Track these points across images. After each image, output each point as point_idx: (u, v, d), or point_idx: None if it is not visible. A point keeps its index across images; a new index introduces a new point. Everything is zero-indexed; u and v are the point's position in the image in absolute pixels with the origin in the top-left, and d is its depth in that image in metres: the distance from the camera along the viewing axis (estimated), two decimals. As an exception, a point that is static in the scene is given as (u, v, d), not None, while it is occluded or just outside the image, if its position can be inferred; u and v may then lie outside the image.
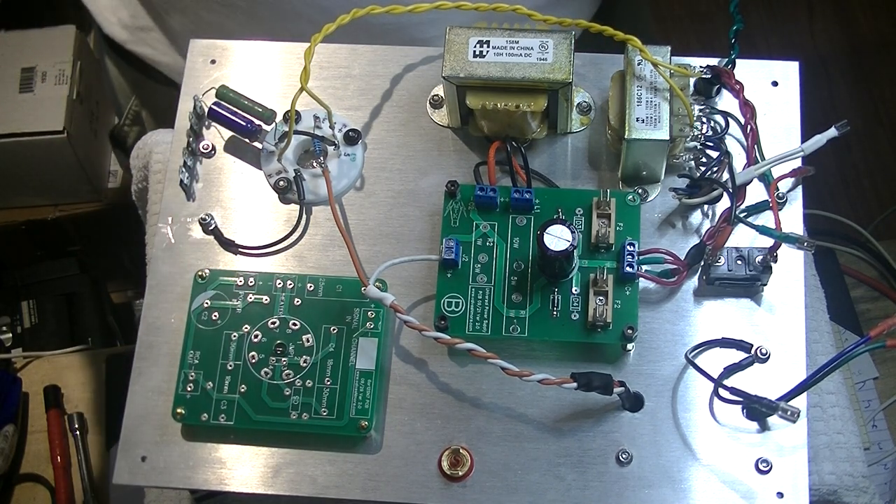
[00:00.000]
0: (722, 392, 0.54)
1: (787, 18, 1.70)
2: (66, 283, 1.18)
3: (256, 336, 0.57)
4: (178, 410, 0.56)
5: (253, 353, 0.57)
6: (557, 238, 0.53)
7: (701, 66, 0.60)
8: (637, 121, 0.56)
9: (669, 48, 0.57)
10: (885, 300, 1.12)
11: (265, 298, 0.58)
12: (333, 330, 0.57)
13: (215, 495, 0.65)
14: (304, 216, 0.61)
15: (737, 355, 0.56)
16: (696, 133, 0.58)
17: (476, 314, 0.55)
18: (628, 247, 0.55)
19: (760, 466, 0.54)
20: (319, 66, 0.64)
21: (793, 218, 0.58)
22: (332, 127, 0.61)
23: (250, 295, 0.58)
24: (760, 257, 0.56)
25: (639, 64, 0.57)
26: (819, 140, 0.58)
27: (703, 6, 1.71)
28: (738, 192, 0.56)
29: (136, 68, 0.90)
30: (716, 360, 0.56)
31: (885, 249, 1.15)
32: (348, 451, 0.56)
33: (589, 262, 0.55)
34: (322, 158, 0.61)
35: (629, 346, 0.56)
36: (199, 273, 0.59)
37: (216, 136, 0.63)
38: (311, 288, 0.58)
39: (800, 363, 0.55)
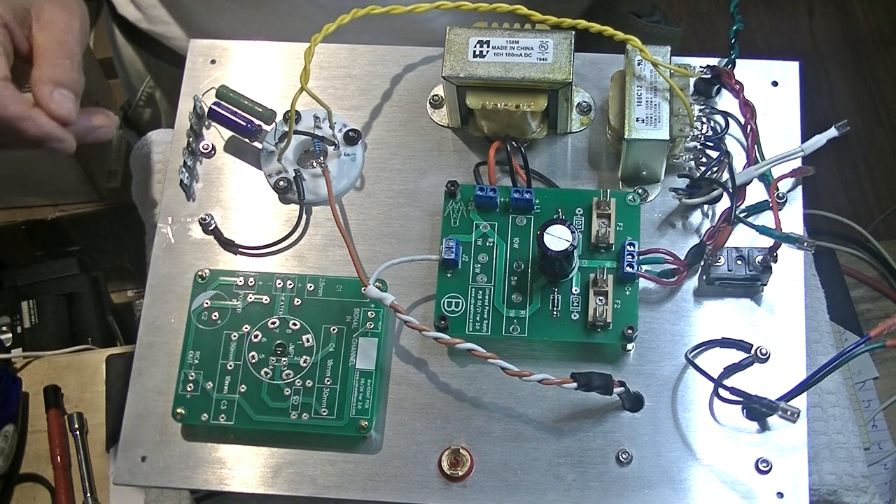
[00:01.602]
0: (722, 392, 0.54)
1: (787, 18, 1.70)
2: (66, 283, 1.18)
3: (256, 336, 0.57)
4: (178, 410, 0.56)
5: (253, 353, 0.57)
6: (557, 238, 0.53)
7: (701, 66, 0.60)
8: (637, 121, 0.56)
9: (669, 48, 0.57)
10: (885, 300, 1.12)
11: (265, 298, 0.58)
12: (333, 330, 0.57)
13: (215, 495, 0.65)
14: (304, 216, 0.61)
15: (737, 355, 0.56)
16: (696, 133, 0.58)
17: (476, 314, 0.55)
18: (628, 247, 0.55)
19: (760, 466, 0.54)
20: (319, 66, 0.64)
21: (793, 218, 0.59)
22: (332, 127, 0.61)
23: (250, 295, 0.58)
24: (760, 257, 0.56)
25: (639, 64, 0.57)
26: (819, 140, 0.58)
27: (703, 6, 1.71)
28: (738, 192, 0.56)
29: (148, 51, 0.90)
30: (716, 360, 0.56)
31: (885, 249, 1.15)
32: (348, 451, 0.56)
33: (589, 262, 0.55)
34: (322, 158, 0.61)
35: (629, 346, 0.56)
36: (199, 273, 0.59)
37: (216, 136, 0.63)
38: (311, 288, 0.58)
39: (800, 363, 0.55)
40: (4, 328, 1.10)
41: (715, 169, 0.58)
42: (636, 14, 0.84)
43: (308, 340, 0.57)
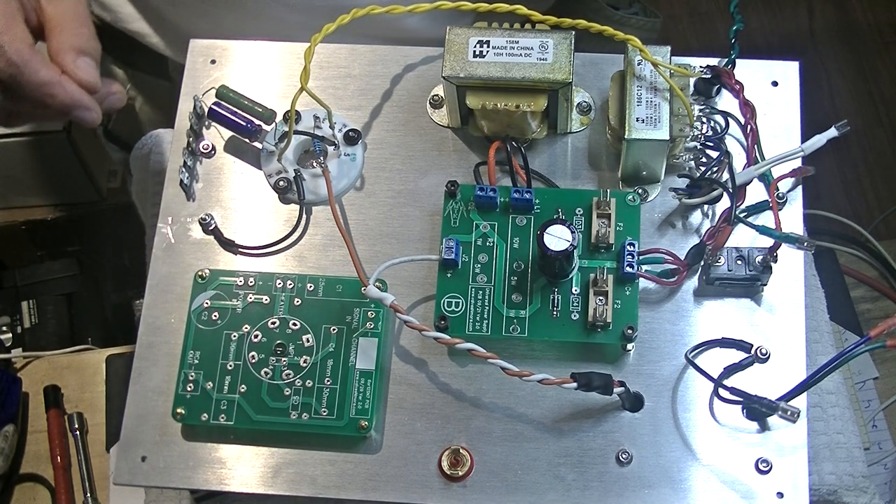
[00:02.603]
0: (722, 392, 0.54)
1: (787, 18, 1.70)
2: (66, 283, 1.18)
3: (256, 336, 0.57)
4: (178, 410, 0.56)
5: (253, 353, 0.57)
6: (557, 238, 0.53)
7: (701, 66, 0.60)
8: (637, 121, 0.56)
9: (669, 48, 0.57)
10: (885, 300, 1.12)
11: (265, 298, 0.58)
12: (333, 330, 0.57)
13: (215, 495, 0.65)
14: (304, 216, 0.61)
15: (737, 355, 0.56)
16: (696, 133, 0.58)
17: (476, 314, 0.55)
18: (628, 247, 0.55)
19: (760, 466, 0.54)
20: (319, 66, 0.64)
21: (793, 218, 0.58)
22: (332, 127, 0.61)
23: (250, 295, 0.58)
24: (760, 257, 0.56)
25: (639, 64, 0.57)
26: (819, 140, 0.58)
27: (703, 6, 1.71)
28: (738, 192, 0.56)
29: (125, 61, 0.90)
30: (716, 360, 0.56)
31: (885, 249, 1.15)
32: (348, 451, 0.56)
33: (589, 262, 0.55)
34: (322, 158, 0.61)
35: (629, 346, 0.56)
36: (199, 273, 0.59)
37: (216, 136, 0.63)
38: (311, 288, 0.58)
39: (800, 363, 0.55)
40: (4, 328, 1.10)
41: (715, 169, 0.58)
42: (613, 6, 0.84)
43: (308, 340, 0.57)
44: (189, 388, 0.56)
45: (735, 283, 0.56)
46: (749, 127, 0.59)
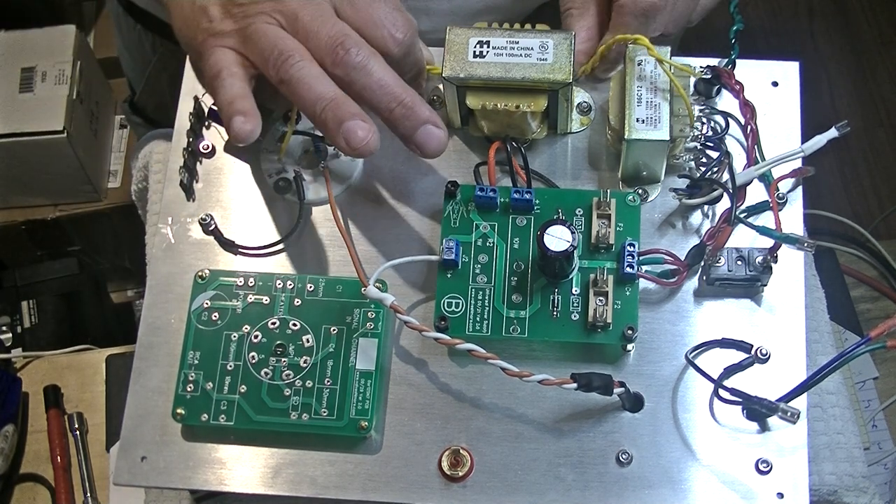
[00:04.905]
0: (722, 392, 0.54)
1: (787, 18, 1.70)
2: (66, 283, 1.18)
3: (256, 336, 0.57)
4: (178, 411, 0.56)
5: (253, 353, 0.57)
6: (557, 238, 0.53)
7: (701, 66, 0.60)
8: (637, 121, 0.56)
9: (669, 48, 0.57)
10: (885, 300, 1.12)
11: (265, 299, 0.58)
12: (333, 330, 0.57)
13: (215, 495, 0.65)
14: (304, 216, 0.61)
15: (737, 355, 0.56)
16: (696, 133, 0.58)
17: (476, 314, 0.55)
18: (628, 247, 0.55)
19: (760, 467, 0.54)
20: (319, 67, 0.64)
21: (793, 218, 0.58)
22: (332, 127, 0.61)
23: (250, 295, 0.58)
24: (760, 258, 0.56)
25: (639, 64, 0.57)
26: (819, 140, 0.58)
27: (704, 6, 1.71)
28: (738, 193, 0.56)
29: (152, 29, 0.89)
30: (716, 361, 0.56)
31: (885, 249, 1.15)
32: (348, 452, 0.56)
33: (589, 263, 0.55)
34: (322, 159, 0.61)
35: (629, 347, 0.56)
36: (199, 273, 0.59)
37: (216, 136, 0.63)
38: (311, 288, 0.58)
39: (800, 363, 0.55)
40: (4, 328, 1.10)
41: (715, 169, 0.58)
42: None
43: (308, 341, 0.57)
44: (189, 389, 0.56)
45: (735, 283, 0.56)
46: (749, 127, 0.59)
